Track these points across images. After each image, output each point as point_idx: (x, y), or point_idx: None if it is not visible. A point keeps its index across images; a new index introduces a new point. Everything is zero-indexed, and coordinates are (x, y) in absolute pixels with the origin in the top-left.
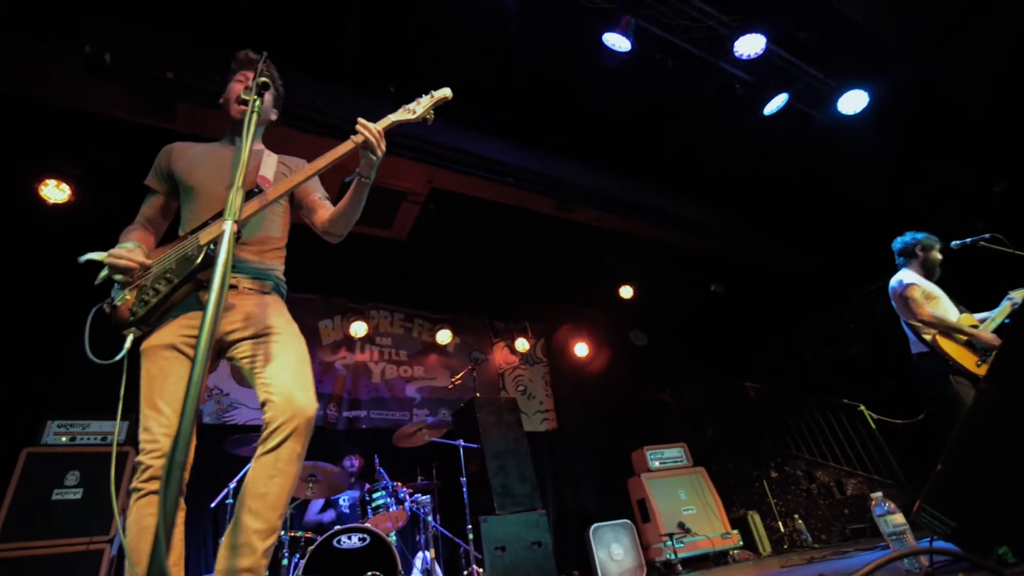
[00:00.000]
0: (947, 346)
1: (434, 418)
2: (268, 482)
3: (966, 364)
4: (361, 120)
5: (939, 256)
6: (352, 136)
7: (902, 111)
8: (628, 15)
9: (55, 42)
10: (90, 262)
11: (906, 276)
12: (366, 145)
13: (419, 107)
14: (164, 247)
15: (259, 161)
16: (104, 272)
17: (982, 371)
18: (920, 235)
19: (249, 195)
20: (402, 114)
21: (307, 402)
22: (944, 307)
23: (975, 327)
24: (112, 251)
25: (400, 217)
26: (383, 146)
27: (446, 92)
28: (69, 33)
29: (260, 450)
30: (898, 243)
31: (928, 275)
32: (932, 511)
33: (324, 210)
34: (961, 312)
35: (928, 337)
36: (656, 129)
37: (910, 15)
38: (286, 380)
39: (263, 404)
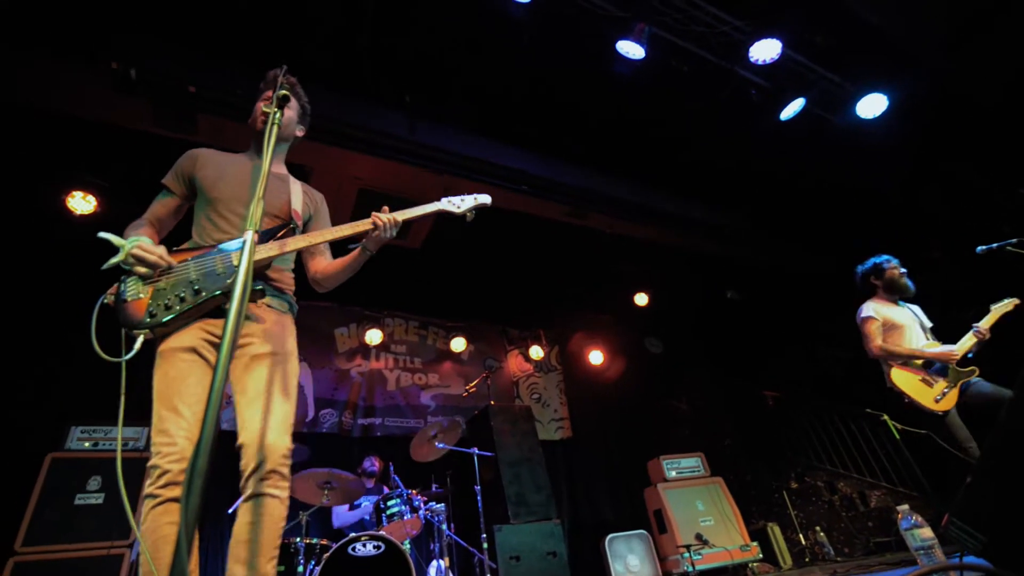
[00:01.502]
0: (903, 382)
1: (447, 419)
2: (251, 529)
3: (924, 401)
4: (384, 212)
5: (897, 272)
6: (373, 218)
7: (922, 113)
8: (642, 23)
9: (82, 59)
10: (101, 253)
11: (865, 308)
12: (378, 229)
13: (463, 204)
14: (177, 253)
15: (288, 191)
16: (117, 258)
17: (942, 406)
18: (869, 263)
19: (283, 226)
20: (446, 205)
21: (277, 442)
22: (908, 336)
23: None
24: (140, 243)
25: (415, 226)
26: (393, 233)
27: (487, 200)
28: (96, 50)
29: (242, 496)
30: (856, 276)
31: (894, 296)
32: (962, 525)
33: (321, 259)
34: (928, 341)
35: (887, 372)
36: (670, 134)
37: (928, 16)
38: (259, 423)
39: (238, 447)
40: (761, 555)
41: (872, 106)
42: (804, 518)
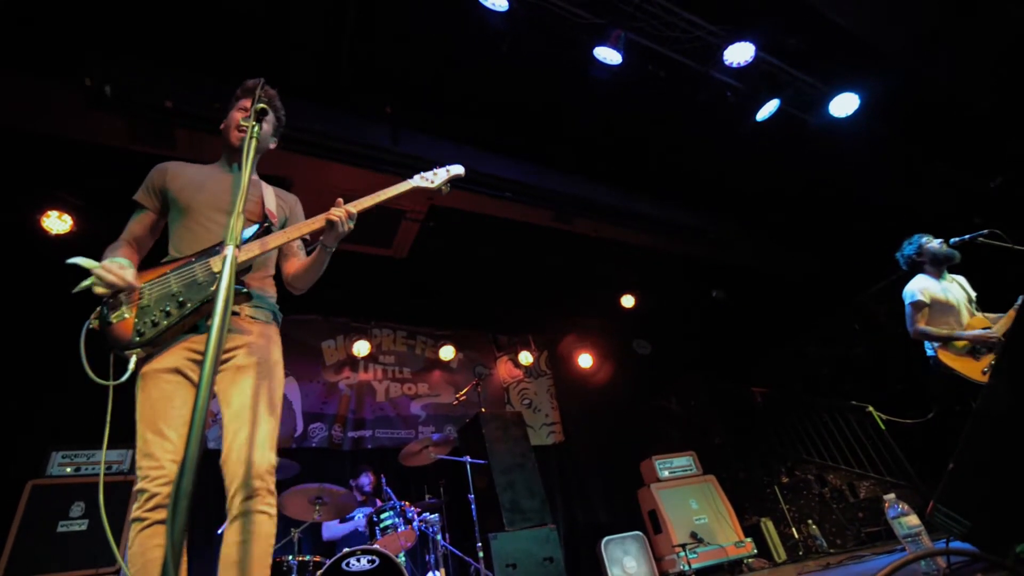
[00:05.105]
0: (950, 360)
1: (440, 435)
2: (240, 548)
3: (973, 375)
4: (338, 202)
5: (938, 246)
6: (328, 214)
7: (895, 111)
8: (618, 29)
9: (56, 76)
10: (77, 274)
11: (911, 286)
12: (333, 225)
13: (436, 178)
14: (155, 268)
15: (261, 193)
16: (88, 281)
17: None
18: (910, 243)
19: (260, 226)
20: (420, 181)
21: (261, 459)
22: (951, 315)
23: (987, 328)
24: (104, 263)
25: (400, 235)
26: (350, 226)
27: (460, 170)
28: (69, 67)
29: (229, 516)
30: (899, 260)
31: (939, 271)
32: (947, 511)
33: (295, 260)
34: (974, 315)
35: (932, 353)
36: (651, 138)
37: (898, 17)
38: (243, 439)
39: (222, 463)
40: (756, 551)
41: (844, 105)
42: (796, 512)
